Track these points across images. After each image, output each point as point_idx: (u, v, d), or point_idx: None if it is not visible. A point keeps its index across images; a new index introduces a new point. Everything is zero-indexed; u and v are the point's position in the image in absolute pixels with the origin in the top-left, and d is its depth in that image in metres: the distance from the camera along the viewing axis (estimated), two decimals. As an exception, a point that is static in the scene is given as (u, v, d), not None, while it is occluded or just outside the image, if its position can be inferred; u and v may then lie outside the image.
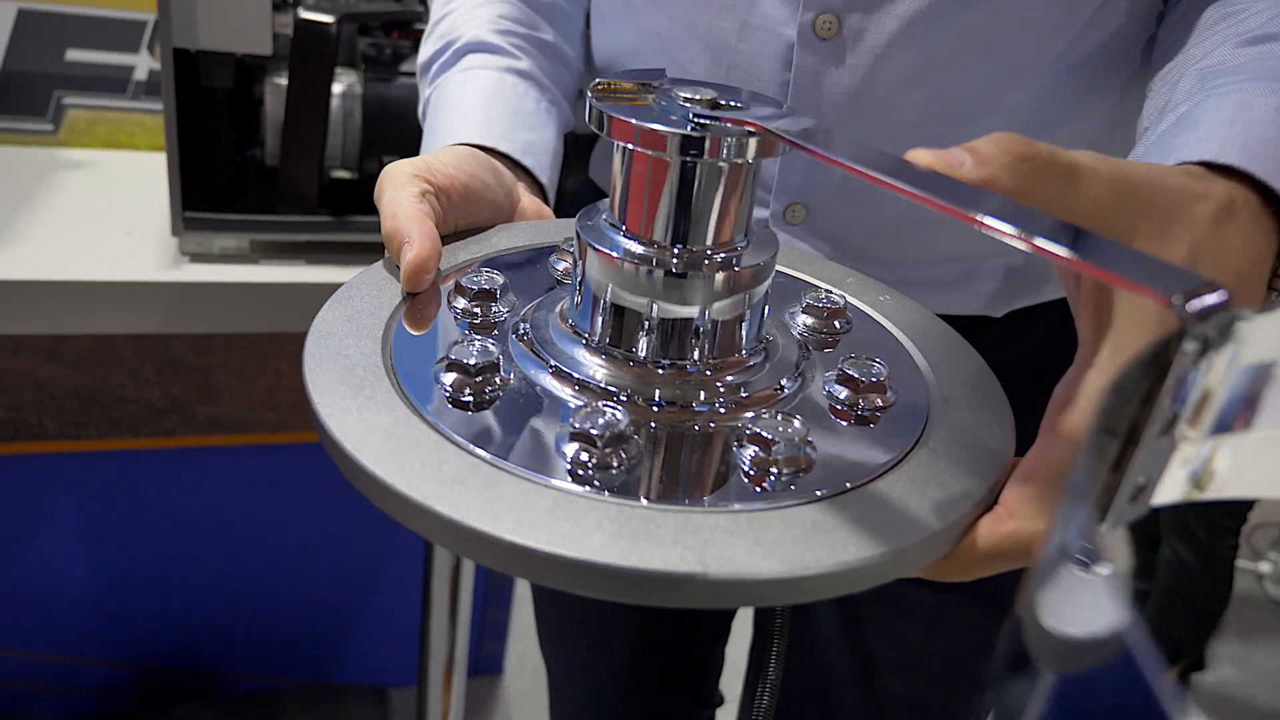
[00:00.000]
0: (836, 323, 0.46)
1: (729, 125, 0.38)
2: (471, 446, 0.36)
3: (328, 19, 0.97)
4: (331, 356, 0.40)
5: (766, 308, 0.43)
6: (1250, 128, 0.40)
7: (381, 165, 1.05)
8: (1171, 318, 0.26)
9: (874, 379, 0.41)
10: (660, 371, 0.40)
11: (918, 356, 0.45)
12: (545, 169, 0.60)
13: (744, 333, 0.41)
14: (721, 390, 0.40)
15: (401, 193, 0.47)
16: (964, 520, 0.36)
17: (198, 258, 1.04)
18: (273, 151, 1.05)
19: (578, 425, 0.36)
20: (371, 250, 1.06)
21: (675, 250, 0.40)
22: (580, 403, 0.39)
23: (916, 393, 0.42)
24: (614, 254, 0.40)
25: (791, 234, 0.64)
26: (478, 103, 0.60)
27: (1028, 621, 0.21)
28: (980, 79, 0.59)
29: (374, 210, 0.49)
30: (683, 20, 0.62)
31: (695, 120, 0.38)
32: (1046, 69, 0.59)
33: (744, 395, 0.40)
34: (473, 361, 0.39)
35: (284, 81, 1.02)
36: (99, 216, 1.11)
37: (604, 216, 0.42)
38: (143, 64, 1.27)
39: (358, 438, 0.35)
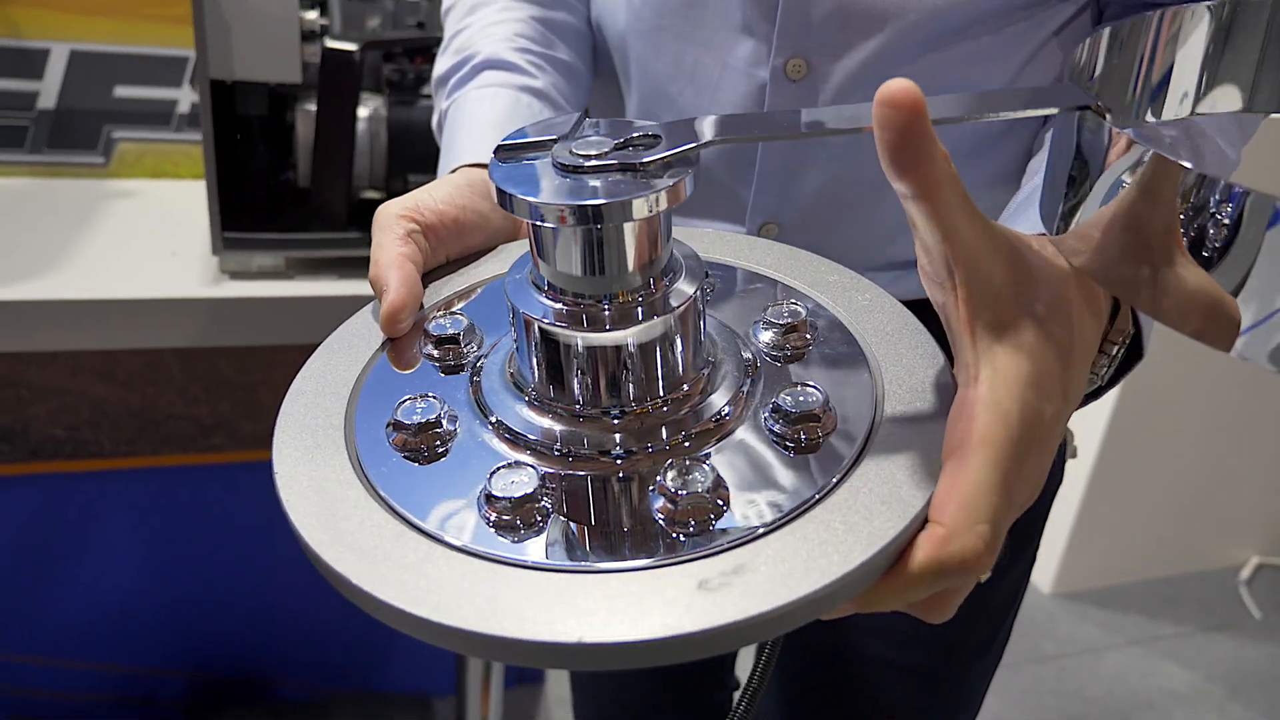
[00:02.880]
0: (801, 335, 0.45)
1: (623, 182, 0.37)
2: (400, 509, 0.37)
3: (352, 47, 1.03)
4: (300, 416, 0.42)
5: (703, 336, 0.42)
6: None
7: (407, 184, 1.13)
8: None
9: (808, 410, 0.39)
10: (593, 421, 0.40)
11: (876, 371, 0.43)
12: None
13: (679, 369, 0.41)
14: (653, 435, 0.40)
15: (386, 236, 0.48)
16: (855, 578, 0.34)
17: (237, 275, 1.10)
18: (305, 174, 1.11)
19: (492, 488, 0.37)
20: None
21: (598, 304, 0.39)
22: (506, 460, 0.39)
23: (861, 417, 0.41)
24: (536, 315, 0.39)
25: None
26: (495, 122, 0.61)
27: None
28: None
29: None
30: (671, 56, 0.66)
31: (590, 174, 0.37)
32: None
33: (676, 436, 0.40)
34: (412, 421, 0.40)
35: (314, 108, 1.08)
36: (146, 240, 1.18)
37: (529, 271, 0.41)
38: (185, 97, 1.34)
39: (300, 504, 0.38)
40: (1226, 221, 0.32)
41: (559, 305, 0.39)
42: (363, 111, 1.10)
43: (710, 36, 0.64)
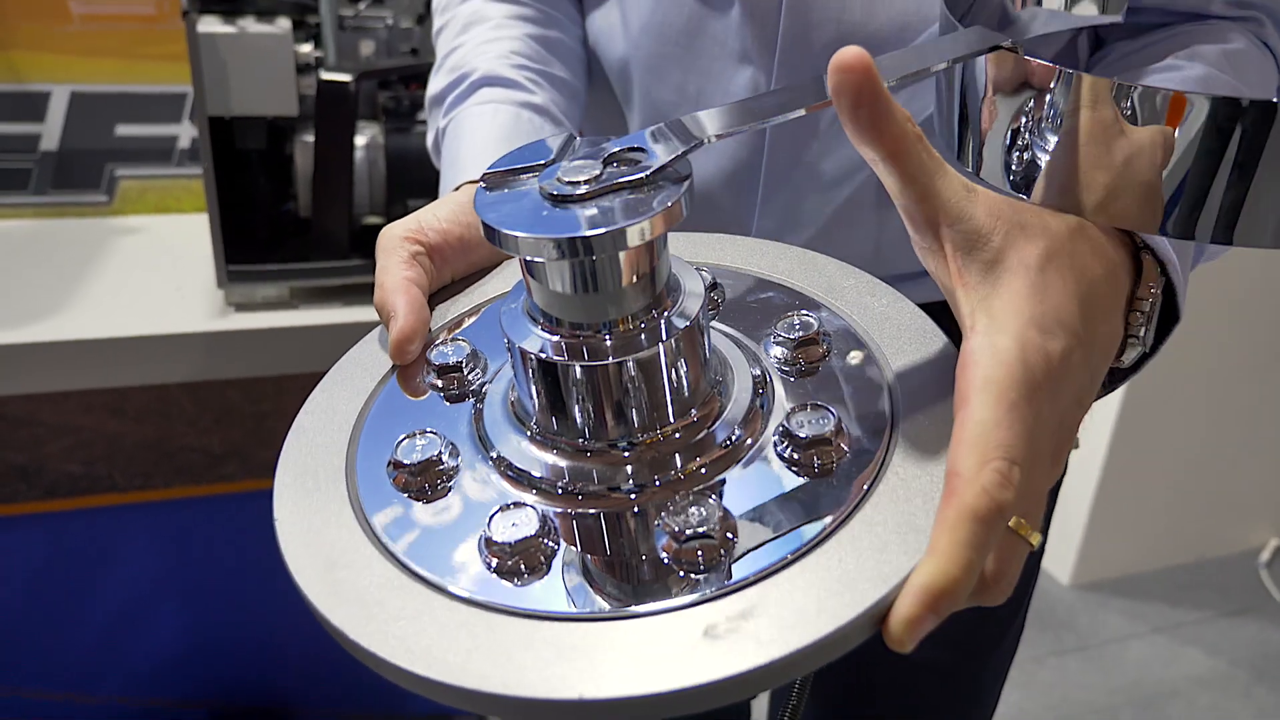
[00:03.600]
0: (815, 348, 0.43)
1: (613, 209, 0.35)
2: (400, 555, 0.37)
3: (346, 78, 1.04)
4: (300, 457, 0.41)
5: (709, 354, 0.40)
6: None
7: (407, 209, 1.14)
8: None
9: (820, 435, 0.38)
10: (600, 455, 0.38)
11: (893, 386, 0.41)
12: None
13: (683, 397, 0.39)
14: (664, 466, 0.38)
15: (390, 260, 0.47)
16: (867, 618, 0.33)
17: (242, 307, 1.12)
18: (305, 204, 1.13)
19: (491, 531, 0.36)
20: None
21: (597, 334, 0.37)
22: (505, 500, 0.38)
23: (876, 437, 0.39)
24: (533, 349, 0.38)
25: None
26: (497, 138, 0.61)
27: None
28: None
29: None
30: (674, 83, 0.66)
31: (578, 203, 0.35)
32: None
33: (689, 466, 0.38)
34: (411, 460, 0.39)
35: (311, 138, 1.09)
36: (151, 276, 1.19)
37: (524, 301, 0.39)
38: (185, 133, 1.35)
39: (299, 553, 0.38)
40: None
41: (555, 338, 0.38)
42: (360, 140, 1.11)
43: (710, 65, 0.64)
